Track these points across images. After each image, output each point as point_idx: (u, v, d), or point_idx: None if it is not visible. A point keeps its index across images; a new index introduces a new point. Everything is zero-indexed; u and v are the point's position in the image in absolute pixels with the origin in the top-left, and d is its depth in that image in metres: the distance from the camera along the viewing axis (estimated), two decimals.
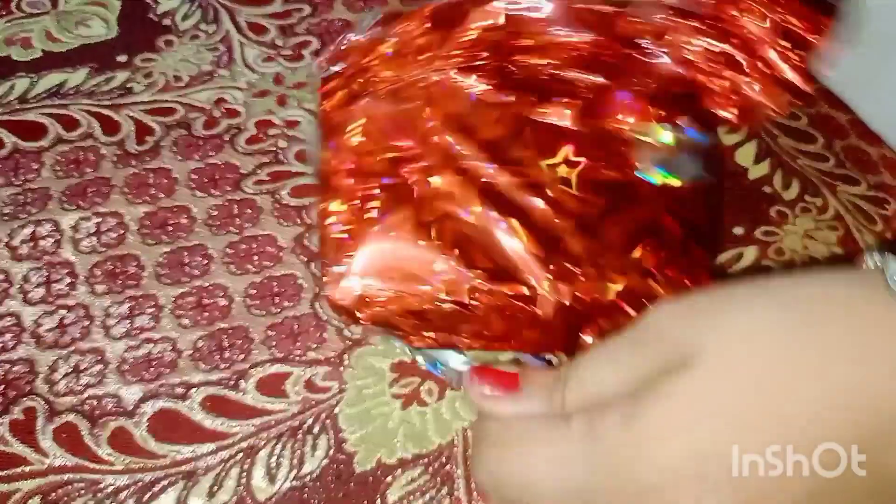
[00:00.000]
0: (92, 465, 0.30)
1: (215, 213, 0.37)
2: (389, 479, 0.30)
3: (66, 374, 0.32)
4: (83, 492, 0.29)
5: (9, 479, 0.30)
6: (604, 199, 0.27)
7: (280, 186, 0.38)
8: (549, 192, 0.27)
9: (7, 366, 0.32)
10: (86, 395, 0.32)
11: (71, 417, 0.31)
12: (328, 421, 0.31)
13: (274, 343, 0.33)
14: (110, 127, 0.40)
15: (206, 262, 0.36)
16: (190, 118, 0.41)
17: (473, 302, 0.26)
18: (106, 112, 0.41)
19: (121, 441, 0.31)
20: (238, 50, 0.44)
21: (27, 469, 0.30)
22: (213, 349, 0.33)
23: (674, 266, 0.27)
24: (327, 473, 0.30)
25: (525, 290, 0.26)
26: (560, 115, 0.28)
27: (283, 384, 0.32)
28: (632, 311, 0.26)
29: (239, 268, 0.35)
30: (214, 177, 0.38)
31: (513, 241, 0.26)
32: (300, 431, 0.31)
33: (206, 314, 0.34)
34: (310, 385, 0.32)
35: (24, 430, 0.31)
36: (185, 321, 0.34)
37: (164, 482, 0.30)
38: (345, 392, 0.32)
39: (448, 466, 0.30)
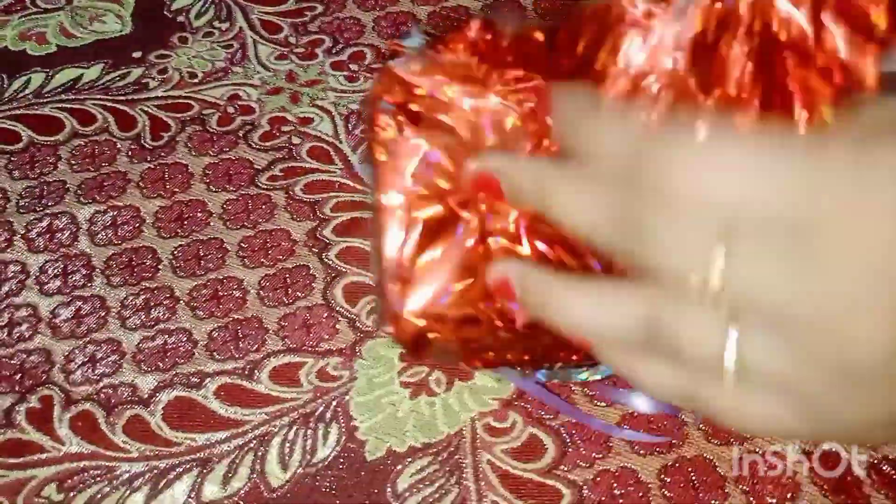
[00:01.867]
0: (108, 453, 0.31)
1: (230, 207, 0.38)
2: (399, 467, 0.30)
3: (83, 364, 0.33)
4: (99, 479, 0.30)
5: (25, 465, 0.30)
6: None
7: (293, 182, 0.39)
8: None
9: (23, 355, 0.33)
10: (101, 384, 0.32)
11: (87, 406, 0.32)
12: (339, 409, 0.32)
13: (287, 334, 0.34)
14: (126, 122, 0.41)
15: (221, 255, 0.36)
16: (204, 114, 0.41)
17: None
18: (121, 107, 0.41)
19: (136, 429, 0.31)
20: (251, 47, 0.45)
21: (43, 456, 0.30)
22: (227, 339, 0.34)
23: None
24: (339, 461, 0.31)
25: None
26: None
27: (297, 373, 0.33)
28: None
29: (253, 261, 0.36)
30: (229, 172, 0.39)
31: None
32: (312, 419, 0.32)
33: (221, 306, 0.35)
34: (322, 374, 0.33)
35: (41, 419, 0.31)
36: (200, 312, 0.34)
37: (179, 469, 0.30)
38: (355, 381, 0.33)
39: (457, 456, 0.31)
